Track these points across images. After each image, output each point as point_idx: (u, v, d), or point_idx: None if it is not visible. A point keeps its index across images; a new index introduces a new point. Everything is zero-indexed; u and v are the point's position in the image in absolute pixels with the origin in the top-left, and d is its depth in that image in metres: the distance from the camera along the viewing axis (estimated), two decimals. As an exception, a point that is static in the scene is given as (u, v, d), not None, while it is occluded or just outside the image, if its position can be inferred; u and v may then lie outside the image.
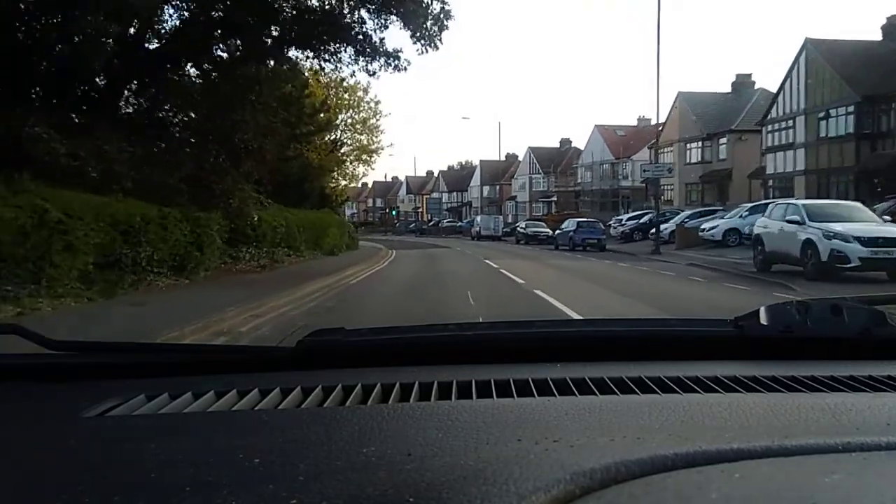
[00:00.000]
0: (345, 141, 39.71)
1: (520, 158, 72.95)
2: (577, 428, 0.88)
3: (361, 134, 41.64)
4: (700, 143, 41.86)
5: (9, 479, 0.75)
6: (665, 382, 1.13)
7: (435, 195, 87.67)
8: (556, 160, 66.60)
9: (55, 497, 0.69)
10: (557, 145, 71.33)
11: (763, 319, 1.38)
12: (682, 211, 33.77)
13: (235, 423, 0.97)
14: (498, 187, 76.32)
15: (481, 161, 78.90)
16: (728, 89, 44.12)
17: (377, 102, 50.98)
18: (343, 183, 42.70)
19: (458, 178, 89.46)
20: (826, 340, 1.38)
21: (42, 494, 0.70)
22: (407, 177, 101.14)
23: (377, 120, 42.07)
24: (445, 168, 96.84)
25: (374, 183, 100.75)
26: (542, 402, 1.03)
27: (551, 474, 0.68)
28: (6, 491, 0.71)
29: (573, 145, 68.51)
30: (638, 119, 59.28)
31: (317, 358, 1.30)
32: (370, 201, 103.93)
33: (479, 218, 54.73)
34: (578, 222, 31.64)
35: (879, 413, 0.95)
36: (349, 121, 40.33)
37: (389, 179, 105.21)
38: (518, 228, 43.40)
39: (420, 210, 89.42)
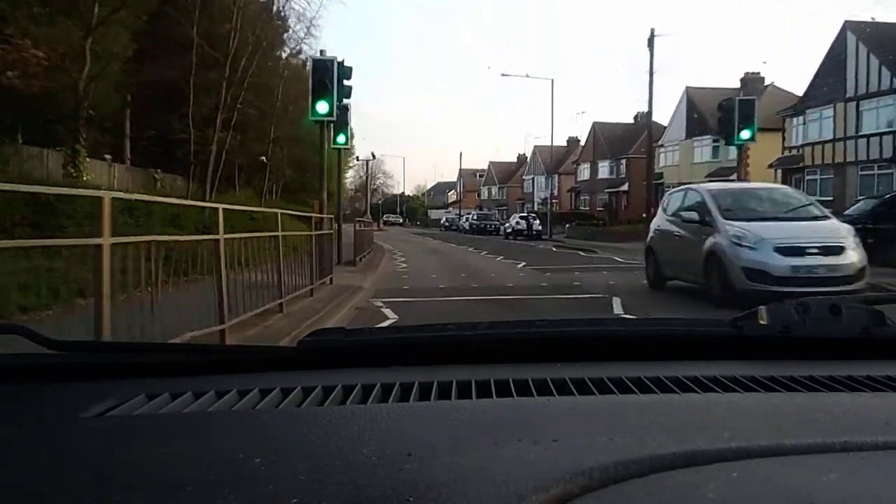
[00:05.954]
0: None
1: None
2: (577, 428, 0.88)
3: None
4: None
5: (8, 479, 0.75)
6: (664, 382, 1.13)
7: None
8: None
9: (55, 497, 0.69)
10: None
11: (762, 319, 1.38)
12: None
13: (235, 423, 0.97)
14: None
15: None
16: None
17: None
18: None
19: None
20: (825, 340, 1.38)
21: (42, 494, 0.70)
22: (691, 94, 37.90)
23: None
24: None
25: (570, 141, 45.73)
26: (542, 402, 1.03)
27: (551, 474, 0.68)
28: (6, 491, 0.71)
29: None
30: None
31: (317, 358, 1.30)
32: (584, 171, 49.08)
33: None
34: None
35: (878, 413, 0.95)
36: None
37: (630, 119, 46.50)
38: None
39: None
